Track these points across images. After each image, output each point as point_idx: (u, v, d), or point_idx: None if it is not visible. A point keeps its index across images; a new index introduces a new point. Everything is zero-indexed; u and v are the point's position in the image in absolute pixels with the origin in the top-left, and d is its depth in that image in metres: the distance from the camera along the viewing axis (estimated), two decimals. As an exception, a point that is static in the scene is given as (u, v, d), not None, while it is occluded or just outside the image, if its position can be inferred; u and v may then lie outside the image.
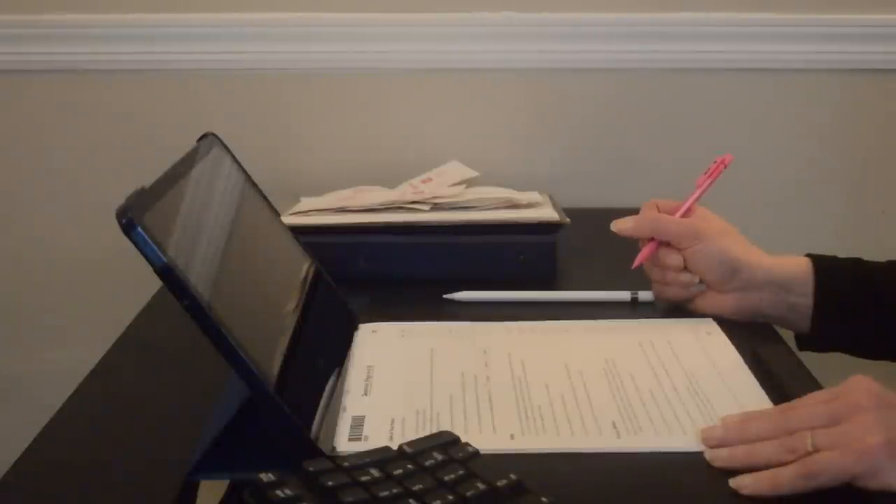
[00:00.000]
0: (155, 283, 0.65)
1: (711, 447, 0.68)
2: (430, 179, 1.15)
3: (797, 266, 0.88)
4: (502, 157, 1.33)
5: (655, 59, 1.32)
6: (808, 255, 0.89)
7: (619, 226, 0.92)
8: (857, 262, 0.90)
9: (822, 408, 0.67)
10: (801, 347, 0.90)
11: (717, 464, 0.67)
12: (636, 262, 0.92)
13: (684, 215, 0.92)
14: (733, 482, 0.64)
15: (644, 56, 1.31)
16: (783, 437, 0.66)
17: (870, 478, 0.62)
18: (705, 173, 0.95)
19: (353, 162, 1.33)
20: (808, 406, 0.68)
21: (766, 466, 0.65)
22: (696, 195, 0.93)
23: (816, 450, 0.64)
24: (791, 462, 0.64)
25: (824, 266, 0.88)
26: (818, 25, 1.30)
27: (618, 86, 1.33)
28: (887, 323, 0.87)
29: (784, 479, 0.63)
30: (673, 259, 0.90)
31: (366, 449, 0.61)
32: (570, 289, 0.98)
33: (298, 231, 0.87)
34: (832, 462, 0.63)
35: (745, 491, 0.64)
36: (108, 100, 1.33)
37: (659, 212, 0.93)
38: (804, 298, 0.87)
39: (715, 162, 0.95)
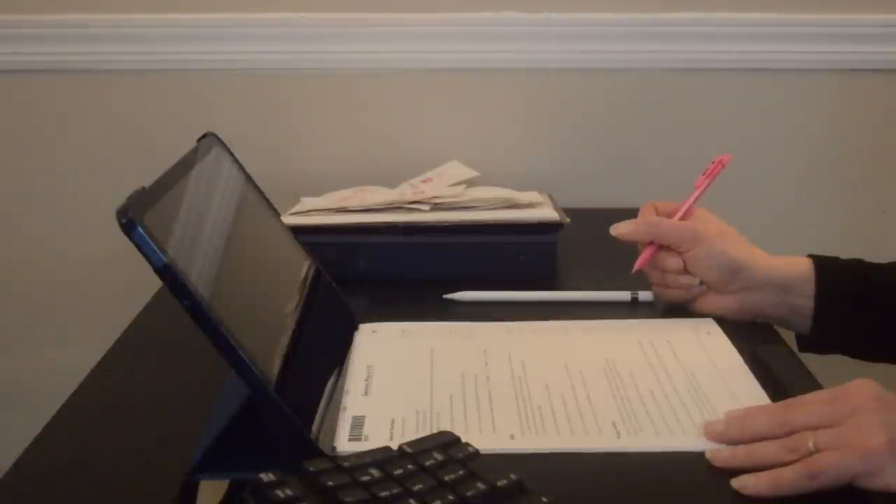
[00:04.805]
0: (155, 283, 0.65)
1: (712, 440, 0.68)
2: (430, 179, 1.15)
3: (798, 267, 0.88)
4: (502, 157, 1.33)
5: (655, 59, 1.32)
6: (810, 256, 0.89)
7: (619, 230, 0.91)
8: (858, 263, 0.90)
9: (823, 408, 0.67)
10: (802, 349, 0.90)
11: (717, 463, 0.67)
12: (636, 267, 0.92)
13: (683, 217, 0.92)
14: (735, 482, 0.64)
15: (644, 56, 1.31)
16: (784, 436, 0.66)
17: (871, 478, 0.63)
18: (703, 174, 0.95)
19: (353, 162, 1.33)
20: (809, 405, 0.68)
21: (768, 466, 0.65)
22: (694, 196, 0.93)
23: (818, 450, 0.64)
24: (792, 462, 0.64)
25: (826, 267, 0.88)
26: (818, 25, 1.30)
27: (618, 86, 1.33)
28: (888, 325, 0.87)
29: (786, 479, 0.63)
30: (672, 262, 0.90)
31: (366, 449, 0.61)
32: (570, 289, 0.98)
33: (298, 231, 0.87)
34: (834, 462, 0.63)
35: (746, 491, 0.64)
36: (108, 100, 1.33)
37: (657, 213, 0.93)
38: (805, 299, 0.87)
39: (713, 162, 0.95)
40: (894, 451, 0.62)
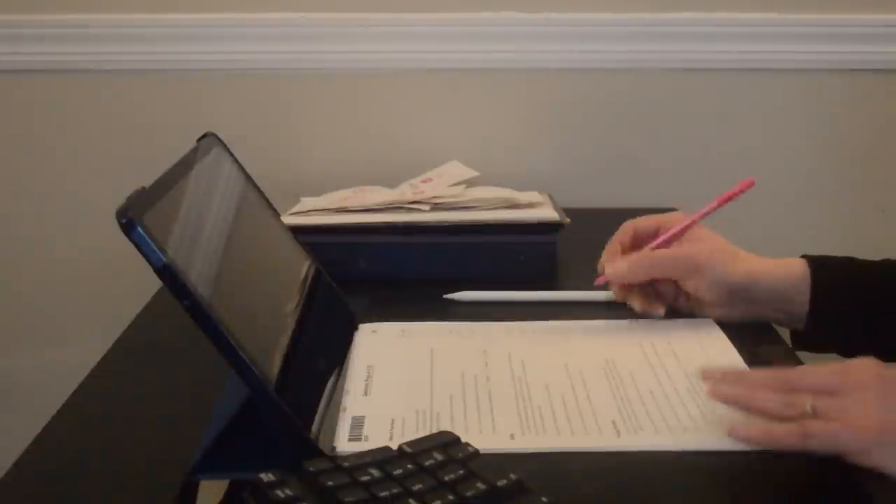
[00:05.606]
0: (155, 283, 0.65)
1: (707, 384, 0.70)
2: (430, 179, 1.15)
3: (793, 269, 0.88)
4: (502, 157, 1.33)
5: (655, 59, 1.32)
6: (804, 256, 0.89)
7: (614, 276, 0.89)
8: (850, 262, 0.90)
9: (827, 377, 0.68)
10: (797, 348, 0.90)
11: (716, 397, 0.68)
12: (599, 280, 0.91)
13: (672, 236, 0.90)
14: (729, 427, 0.67)
15: (644, 56, 1.31)
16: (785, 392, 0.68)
17: (860, 455, 0.64)
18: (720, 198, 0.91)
19: (354, 162, 1.33)
20: (813, 373, 0.70)
21: (763, 414, 0.66)
22: (692, 220, 0.90)
23: (815, 414, 0.66)
24: (787, 418, 0.66)
25: (820, 266, 0.88)
26: (818, 25, 1.30)
27: (618, 86, 1.33)
28: (881, 324, 0.87)
29: (778, 433, 0.65)
30: (668, 290, 0.90)
31: (366, 449, 0.61)
32: (570, 289, 0.98)
33: (298, 231, 0.87)
34: (828, 432, 0.65)
35: (737, 433, 0.66)
36: (108, 100, 1.33)
37: (637, 233, 0.91)
38: (800, 303, 0.87)
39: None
40: (884, 433, 0.64)
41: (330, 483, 0.56)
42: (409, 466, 0.58)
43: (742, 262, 0.88)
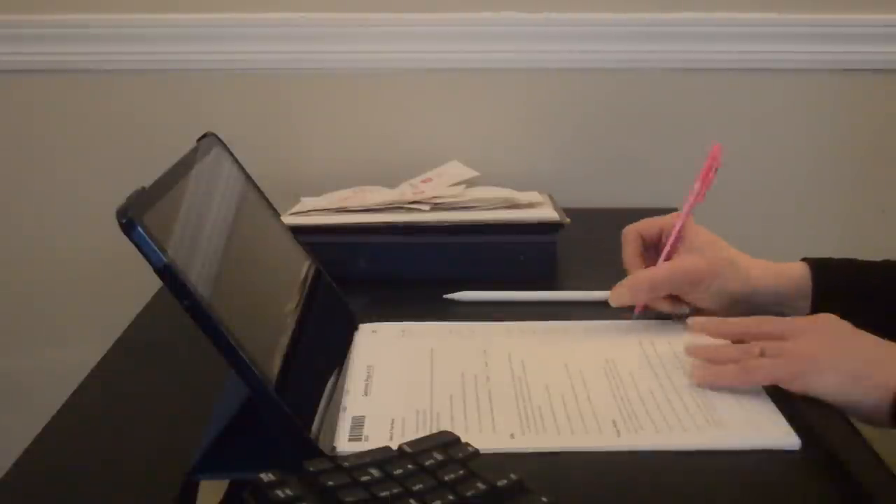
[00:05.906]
0: (155, 283, 0.65)
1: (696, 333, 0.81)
2: (430, 179, 1.15)
3: (794, 274, 0.87)
4: (502, 157, 1.33)
5: (655, 59, 1.32)
6: (805, 260, 0.89)
7: (618, 301, 0.89)
8: (850, 263, 0.90)
9: (786, 325, 0.78)
10: None
11: (690, 354, 0.79)
12: (636, 313, 0.90)
13: (676, 239, 0.90)
14: (693, 371, 0.77)
15: (644, 56, 1.31)
16: (750, 339, 0.78)
17: (791, 381, 0.73)
18: (698, 179, 0.91)
19: (354, 162, 1.33)
20: (775, 321, 0.79)
21: (727, 362, 0.76)
22: (686, 211, 0.90)
23: (763, 355, 0.75)
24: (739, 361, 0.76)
25: (820, 269, 0.88)
26: (818, 25, 1.30)
27: (618, 86, 1.33)
28: (881, 324, 0.87)
29: (725, 373, 0.76)
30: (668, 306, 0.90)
31: (366, 449, 0.61)
32: (570, 289, 0.98)
33: (298, 231, 0.87)
34: (763, 366, 0.74)
35: (695, 374, 0.76)
36: (108, 100, 1.33)
37: (644, 240, 0.92)
38: (804, 307, 0.87)
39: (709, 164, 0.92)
40: (817, 362, 0.72)
41: (330, 483, 0.56)
42: (409, 466, 0.58)
43: (741, 271, 0.87)
